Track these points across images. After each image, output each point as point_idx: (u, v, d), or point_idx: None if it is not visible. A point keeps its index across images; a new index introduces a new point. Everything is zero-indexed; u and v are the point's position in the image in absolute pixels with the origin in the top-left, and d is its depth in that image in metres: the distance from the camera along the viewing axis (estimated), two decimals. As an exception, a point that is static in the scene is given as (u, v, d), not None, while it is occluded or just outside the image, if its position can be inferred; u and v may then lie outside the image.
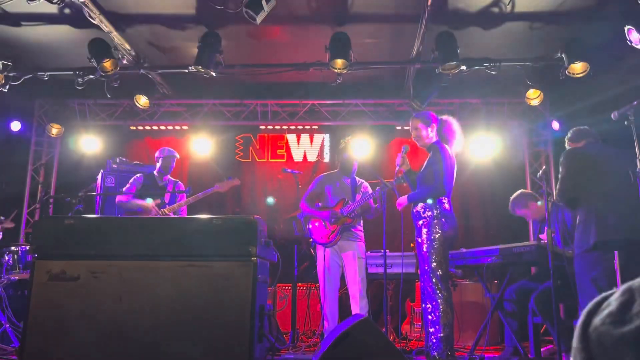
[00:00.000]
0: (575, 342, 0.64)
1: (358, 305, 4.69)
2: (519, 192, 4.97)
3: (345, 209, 4.88)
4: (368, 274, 5.12)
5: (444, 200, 3.89)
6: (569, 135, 3.97)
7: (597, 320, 0.62)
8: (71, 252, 2.98)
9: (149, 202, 5.04)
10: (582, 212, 3.53)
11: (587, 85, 5.81)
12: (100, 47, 5.55)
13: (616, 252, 3.59)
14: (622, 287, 0.64)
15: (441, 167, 3.89)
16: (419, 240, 3.92)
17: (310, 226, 4.98)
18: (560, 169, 3.67)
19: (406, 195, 4.03)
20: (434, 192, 3.89)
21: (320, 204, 5.06)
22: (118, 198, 5.22)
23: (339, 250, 4.88)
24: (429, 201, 3.86)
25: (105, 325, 2.84)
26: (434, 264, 3.76)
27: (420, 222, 3.90)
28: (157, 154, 5.42)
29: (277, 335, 4.83)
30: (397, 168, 4.10)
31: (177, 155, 5.46)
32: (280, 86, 7.09)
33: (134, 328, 2.83)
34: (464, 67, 5.64)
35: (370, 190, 5.12)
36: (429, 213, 3.88)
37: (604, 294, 0.66)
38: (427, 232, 3.83)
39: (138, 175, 5.38)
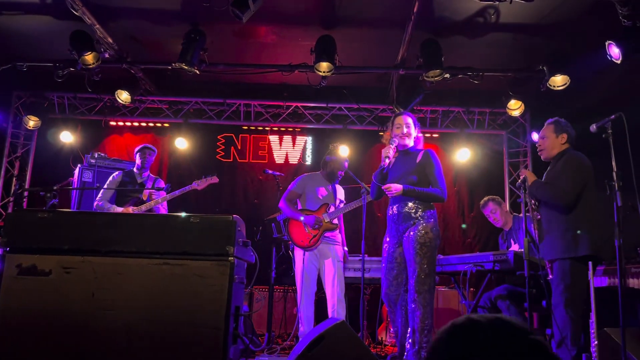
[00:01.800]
0: None
1: (335, 309, 4.67)
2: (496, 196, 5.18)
3: (327, 214, 4.86)
4: (345, 278, 5.11)
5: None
6: (570, 133, 3.68)
7: None
8: (43, 246, 2.90)
9: (129, 209, 4.99)
10: (577, 219, 3.46)
11: (567, 98, 5.91)
12: (82, 40, 5.47)
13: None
14: None
15: (438, 174, 3.78)
16: (405, 240, 3.72)
17: (290, 228, 4.93)
18: (568, 168, 3.50)
19: (402, 186, 3.70)
20: (440, 197, 3.75)
21: (300, 205, 5.03)
22: (95, 203, 5.16)
23: (318, 254, 4.85)
24: (418, 203, 3.72)
25: (76, 322, 2.78)
26: (427, 270, 3.59)
27: (412, 223, 3.69)
28: (135, 150, 5.39)
29: (252, 337, 4.79)
30: (384, 160, 3.79)
31: (155, 149, 5.40)
32: (264, 87, 7.06)
33: (105, 326, 2.77)
34: (447, 75, 5.69)
35: (343, 197, 5.13)
36: (422, 214, 3.70)
37: None
38: (417, 235, 3.63)
39: (116, 173, 5.33)
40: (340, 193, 5.14)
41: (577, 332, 3.36)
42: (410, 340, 3.58)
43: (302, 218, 4.84)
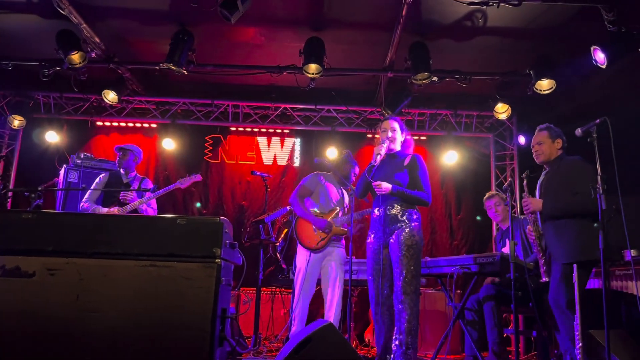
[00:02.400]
0: None
1: (334, 311, 4.62)
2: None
3: (338, 219, 4.80)
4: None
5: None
6: (564, 139, 3.78)
7: None
8: (27, 247, 2.86)
9: (113, 210, 4.94)
10: (583, 223, 3.49)
11: (553, 102, 5.97)
12: (69, 39, 5.42)
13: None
14: None
15: (425, 179, 3.88)
16: (391, 242, 3.77)
17: (298, 227, 4.81)
18: (583, 174, 3.47)
19: (391, 185, 3.78)
20: (425, 201, 3.85)
21: (311, 202, 4.93)
22: (81, 205, 5.11)
23: (322, 256, 4.77)
24: (404, 206, 3.81)
25: (61, 324, 2.74)
26: (414, 271, 3.66)
27: (399, 225, 3.77)
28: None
29: (239, 339, 4.76)
30: (375, 157, 3.85)
31: (132, 149, 5.30)
32: (253, 88, 7.04)
33: (90, 328, 2.74)
34: (435, 78, 5.72)
35: (348, 202, 5.08)
36: (409, 217, 3.78)
37: None
38: (404, 237, 3.70)
39: (102, 175, 5.27)
40: (347, 198, 5.09)
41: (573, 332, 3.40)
42: (397, 342, 3.60)
43: (312, 220, 4.74)
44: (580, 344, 3.33)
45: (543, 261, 3.69)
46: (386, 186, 3.78)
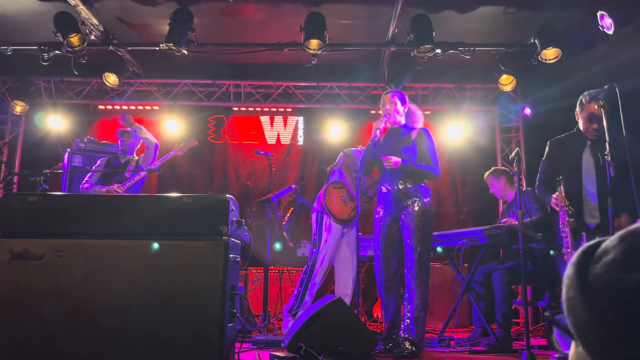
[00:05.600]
0: (571, 292, 0.62)
1: (352, 286, 4.71)
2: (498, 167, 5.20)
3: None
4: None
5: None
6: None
7: (598, 267, 0.60)
8: (35, 230, 2.87)
9: (113, 188, 4.98)
10: None
11: (559, 71, 5.88)
12: (67, 21, 5.36)
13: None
14: (620, 234, 0.62)
15: (433, 152, 3.85)
16: (403, 217, 3.76)
17: (328, 202, 4.85)
18: None
19: (401, 159, 3.71)
20: (434, 174, 3.84)
21: (346, 176, 5.00)
22: (82, 186, 5.15)
23: (344, 229, 4.85)
24: (415, 180, 3.79)
25: (71, 305, 2.76)
26: (427, 246, 3.72)
27: (411, 201, 3.74)
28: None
29: (248, 317, 4.80)
30: (374, 133, 3.82)
31: (132, 131, 5.33)
32: (254, 67, 6.98)
33: (100, 308, 2.75)
34: (438, 51, 5.63)
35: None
36: (421, 192, 3.77)
37: (591, 243, 0.65)
38: (418, 213, 3.69)
39: (101, 158, 5.38)
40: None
41: None
42: (409, 315, 3.61)
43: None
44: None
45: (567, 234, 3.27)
46: (395, 160, 3.70)
